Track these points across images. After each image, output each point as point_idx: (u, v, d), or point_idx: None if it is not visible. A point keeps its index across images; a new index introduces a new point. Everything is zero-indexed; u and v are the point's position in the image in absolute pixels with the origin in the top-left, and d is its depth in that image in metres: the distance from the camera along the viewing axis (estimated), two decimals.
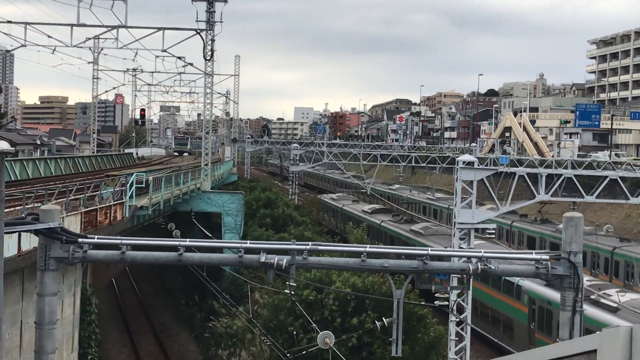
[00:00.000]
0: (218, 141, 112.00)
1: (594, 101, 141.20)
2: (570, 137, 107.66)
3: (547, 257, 13.16)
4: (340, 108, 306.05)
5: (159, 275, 56.72)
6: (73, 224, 24.72)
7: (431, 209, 69.72)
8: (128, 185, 33.17)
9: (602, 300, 30.20)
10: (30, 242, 20.31)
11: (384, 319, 18.02)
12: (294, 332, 27.34)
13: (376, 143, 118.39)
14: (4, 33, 46.45)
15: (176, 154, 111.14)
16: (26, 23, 46.90)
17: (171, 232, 40.48)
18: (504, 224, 54.03)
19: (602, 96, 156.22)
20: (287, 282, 14.17)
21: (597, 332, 5.09)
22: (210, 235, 43.51)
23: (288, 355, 25.69)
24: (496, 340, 38.44)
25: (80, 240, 13.09)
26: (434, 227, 53.72)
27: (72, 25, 47.31)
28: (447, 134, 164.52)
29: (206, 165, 51.16)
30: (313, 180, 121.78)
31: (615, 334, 4.81)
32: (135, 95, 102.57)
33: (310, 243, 13.40)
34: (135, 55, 59.72)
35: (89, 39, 53.36)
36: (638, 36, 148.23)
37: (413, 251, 13.72)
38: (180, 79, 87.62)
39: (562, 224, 13.57)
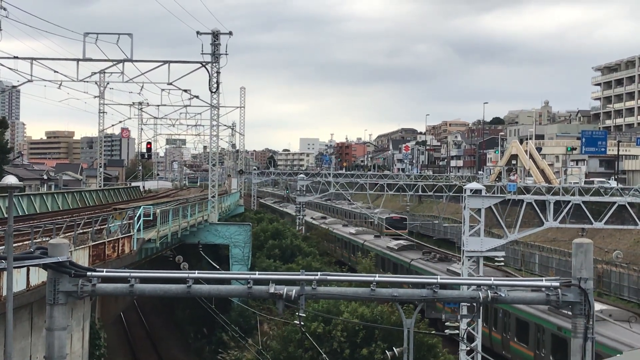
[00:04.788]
0: (224, 173, 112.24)
1: (599, 128, 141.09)
2: (577, 164, 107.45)
3: (558, 283, 13.09)
4: (346, 138, 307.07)
5: (168, 308, 56.51)
6: (81, 257, 24.70)
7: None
8: (135, 218, 33.17)
9: None
10: (38, 276, 20.29)
11: (394, 348, 17.93)
12: None
13: (382, 172, 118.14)
14: (11, 69, 46.62)
15: None
16: (32, 58, 47.03)
17: (179, 265, 40.36)
18: None
19: (608, 122, 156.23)
20: (297, 313, 14.08)
21: (618, 355, 5.08)
22: (218, 267, 43.38)
23: None
24: None
25: (88, 273, 13.06)
26: None
27: (78, 60, 47.42)
28: (453, 163, 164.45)
29: (213, 197, 51.14)
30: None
31: (638, 357, 4.80)
32: (141, 129, 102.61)
33: (319, 273, 13.34)
34: (141, 89, 59.97)
35: (95, 73, 53.29)
36: None
37: (422, 280, 13.66)
38: (186, 111, 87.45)
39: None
